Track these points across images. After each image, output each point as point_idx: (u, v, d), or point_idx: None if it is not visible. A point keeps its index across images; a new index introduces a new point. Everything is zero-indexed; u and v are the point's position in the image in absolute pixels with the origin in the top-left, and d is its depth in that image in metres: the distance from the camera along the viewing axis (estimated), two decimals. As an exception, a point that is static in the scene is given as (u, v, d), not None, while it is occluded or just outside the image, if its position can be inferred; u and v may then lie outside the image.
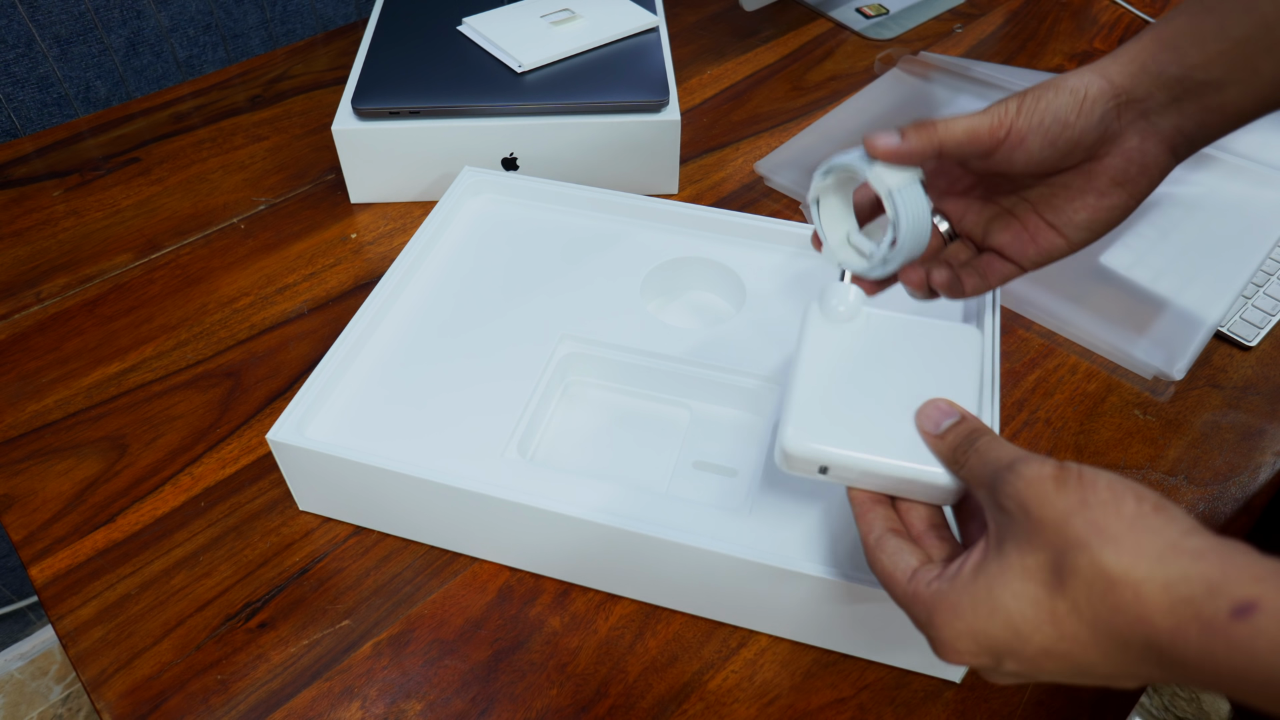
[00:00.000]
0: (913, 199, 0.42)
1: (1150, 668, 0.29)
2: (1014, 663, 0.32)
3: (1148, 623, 0.28)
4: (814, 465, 0.40)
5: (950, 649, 0.33)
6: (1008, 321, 0.68)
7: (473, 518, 0.50)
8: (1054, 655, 0.31)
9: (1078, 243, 0.45)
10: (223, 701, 0.48)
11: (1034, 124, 0.41)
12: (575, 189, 0.67)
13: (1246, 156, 0.75)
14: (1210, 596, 0.27)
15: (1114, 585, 0.29)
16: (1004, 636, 0.32)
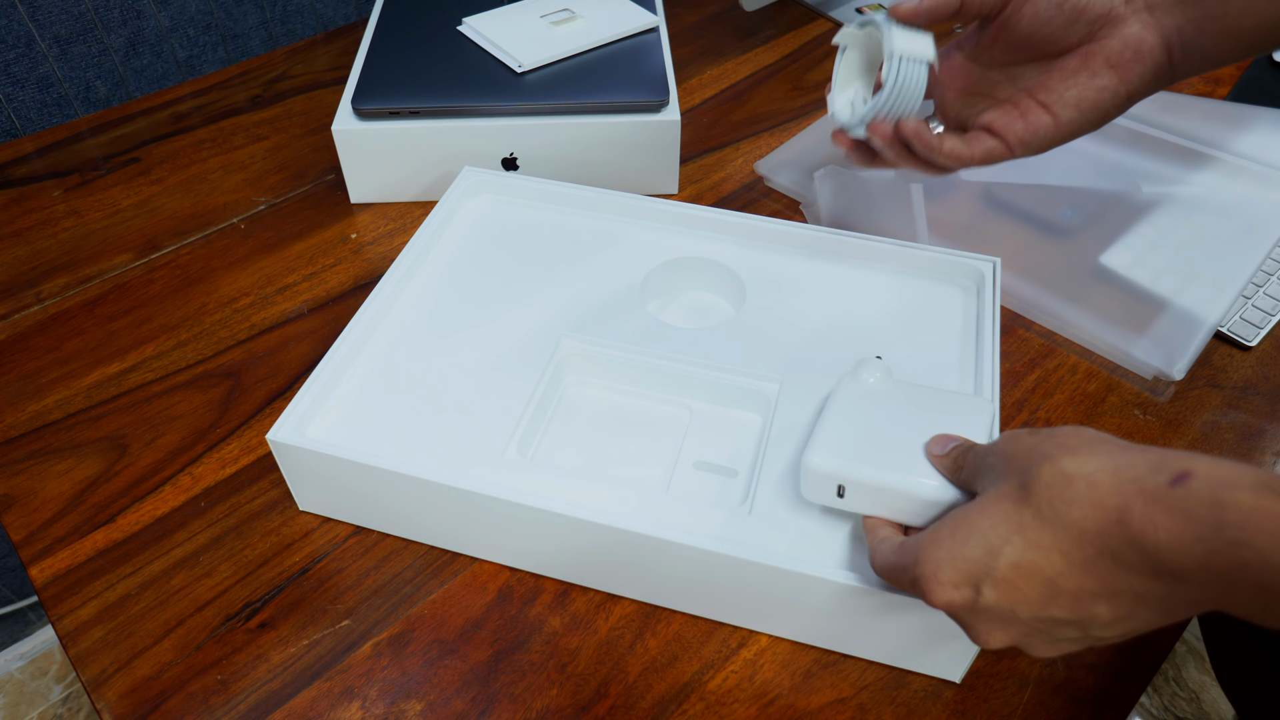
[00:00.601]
0: (912, 71, 0.47)
1: (1105, 561, 0.32)
2: (991, 588, 0.34)
3: (1100, 506, 0.32)
4: (833, 483, 0.45)
5: (933, 581, 0.36)
6: (1008, 321, 0.68)
7: (473, 518, 0.50)
8: (1024, 569, 0.34)
9: (1065, 122, 0.48)
10: (223, 701, 0.48)
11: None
12: (575, 189, 0.67)
13: (1246, 156, 0.75)
14: (1152, 473, 0.31)
15: (1071, 481, 0.32)
16: (979, 556, 0.35)
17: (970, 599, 0.35)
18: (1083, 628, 0.34)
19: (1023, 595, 0.34)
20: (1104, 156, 0.77)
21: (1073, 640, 0.36)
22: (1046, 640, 0.36)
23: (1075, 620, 0.34)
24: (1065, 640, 0.36)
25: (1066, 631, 0.35)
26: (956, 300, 0.61)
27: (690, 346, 0.57)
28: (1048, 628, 0.35)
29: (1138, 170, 0.75)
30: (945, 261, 0.62)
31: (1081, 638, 0.35)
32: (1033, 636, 0.36)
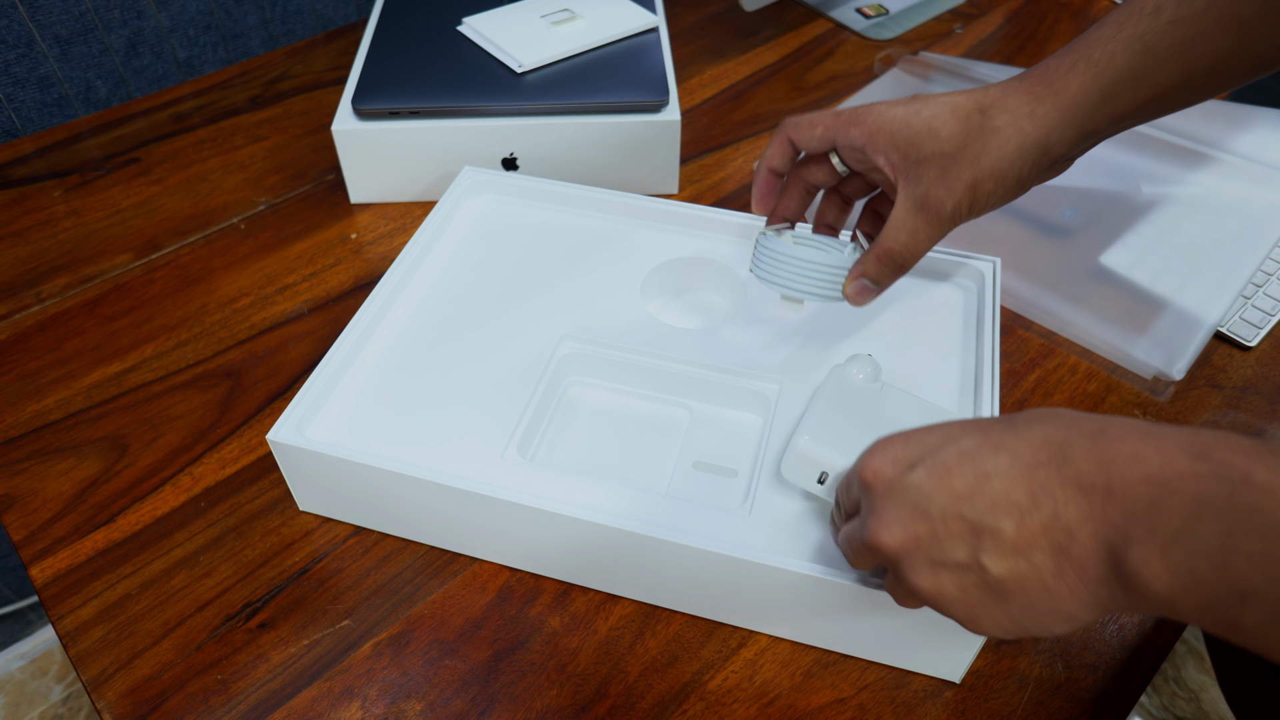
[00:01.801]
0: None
1: (1047, 471, 0.32)
2: (924, 470, 0.35)
3: (1075, 426, 0.32)
4: (817, 469, 0.47)
5: (877, 452, 0.37)
6: (1008, 321, 0.68)
7: (473, 518, 0.50)
8: (967, 457, 0.34)
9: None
10: (223, 701, 0.48)
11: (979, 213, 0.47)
12: (575, 189, 0.67)
13: (1246, 156, 0.75)
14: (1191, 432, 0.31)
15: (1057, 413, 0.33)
16: (935, 441, 0.35)
17: (897, 475, 0.36)
18: (976, 547, 0.33)
19: (949, 484, 0.34)
20: (1104, 156, 0.76)
21: (955, 567, 0.34)
22: (933, 554, 0.35)
23: (976, 531, 0.33)
24: (949, 564, 0.34)
25: (957, 549, 0.34)
26: (956, 300, 0.61)
27: (690, 346, 0.57)
28: (944, 537, 0.34)
29: (1138, 170, 0.75)
30: (945, 261, 0.62)
31: (966, 563, 0.34)
32: (923, 545, 0.35)
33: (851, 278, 0.50)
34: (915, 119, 0.45)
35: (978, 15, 1.03)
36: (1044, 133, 0.44)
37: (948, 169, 0.45)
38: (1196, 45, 0.42)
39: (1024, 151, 0.44)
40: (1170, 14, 0.42)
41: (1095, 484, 0.30)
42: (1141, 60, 0.43)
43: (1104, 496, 0.30)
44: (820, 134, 0.49)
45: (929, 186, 0.45)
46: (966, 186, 0.45)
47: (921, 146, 0.45)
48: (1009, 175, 0.45)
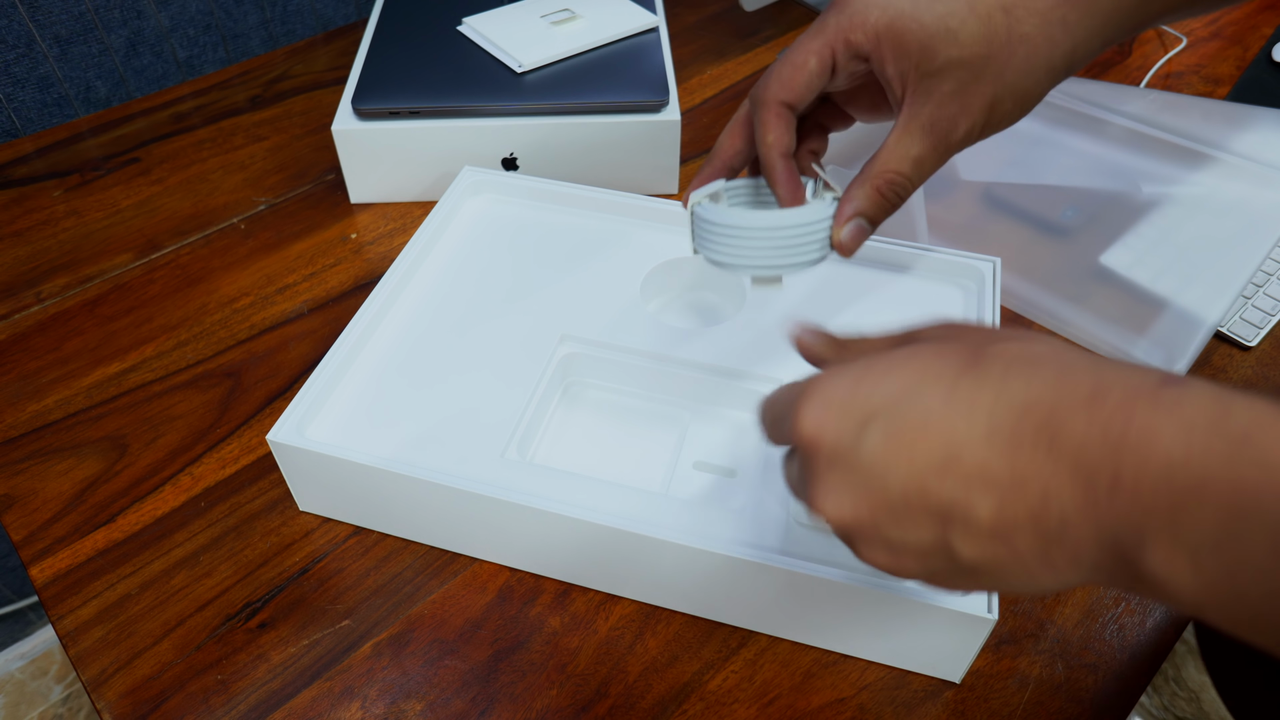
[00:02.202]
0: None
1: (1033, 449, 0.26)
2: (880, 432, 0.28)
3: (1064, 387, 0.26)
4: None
5: (816, 399, 0.29)
6: (1008, 321, 0.68)
7: (473, 518, 0.50)
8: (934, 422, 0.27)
9: None
10: (223, 701, 0.48)
11: (988, 133, 0.40)
12: (575, 189, 0.67)
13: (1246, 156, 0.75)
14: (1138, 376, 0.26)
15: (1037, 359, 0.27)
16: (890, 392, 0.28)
17: (846, 437, 0.28)
18: (944, 531, 0.28)
19: (910, 455, 0.27)
20: (1104, 156, 0.76)
21: (918, 549, 0.29)
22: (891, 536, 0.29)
23: (944, 513, 0.27)
24: (910, 547, 0.29)
25: (921, 532, 0.28)
26: (956, 300, 0.61)
27: (690, 346, 0.57)
28: (906, 519, 0.28)
29: (1138, 170, 0.75)
30: (945, 261, 0.62)
31: (932, 546, 0.28)
32: (880, 526, 0.29)
33: (842, 220, 0.40)
34: (926, 16, 0.37)
35: (978, 15, 1.03)
36: (1073, 44, 0.38)
37: (966, 83, 0.37)
38: None
39: (1053, 69, 0.38)
40: None
41: (1097, 469, 0.25)
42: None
43: (1110, 486, 0.25)
44: (816, 67, 0.39)
45: (940, 104, 0.38)
46: (985, 105, 0.38)
47: (937, 53, 0.37)
48: (1032, 95, 0.38)
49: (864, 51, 0.38)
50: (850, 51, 0.38)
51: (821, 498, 0.30)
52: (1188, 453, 0.24)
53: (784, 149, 0.40)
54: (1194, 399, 0.25)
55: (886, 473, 0.28)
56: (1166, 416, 0.25)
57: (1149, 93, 0.81)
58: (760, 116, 0.40)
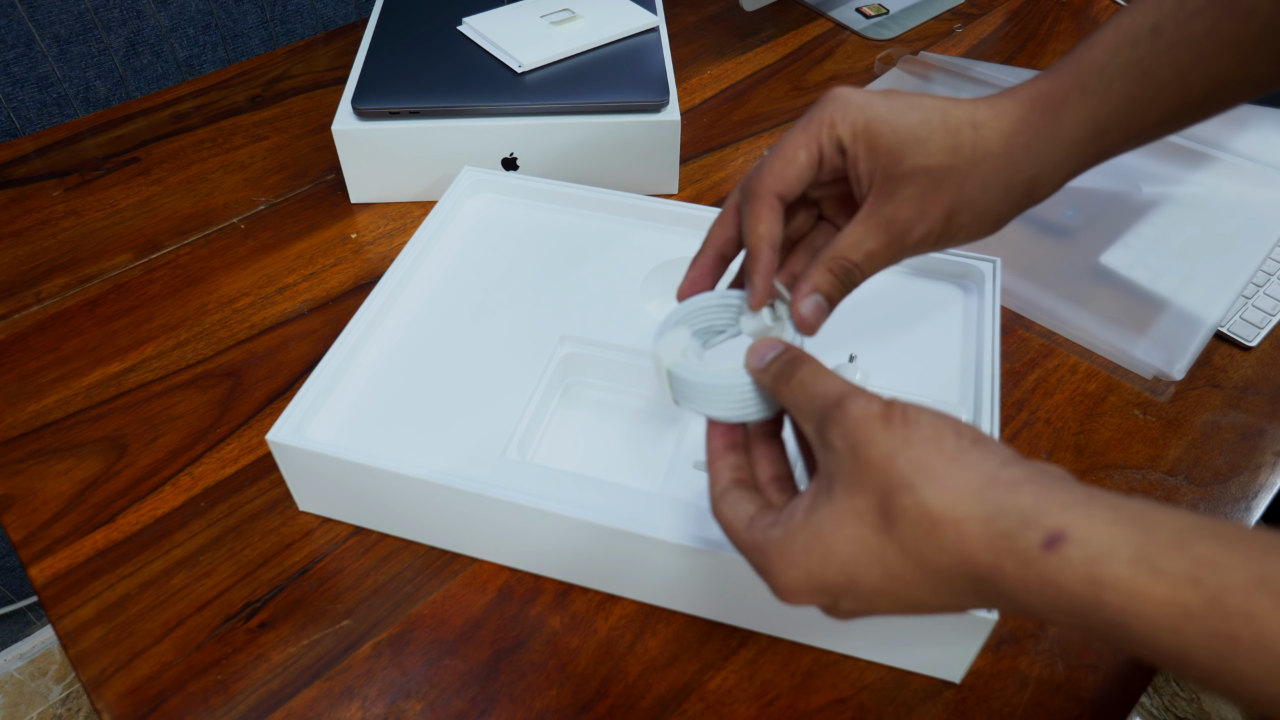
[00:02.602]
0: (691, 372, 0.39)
1: (975, 600, 0.30)
2: (850, 601, 0.33)
3: (970, 560, 0.29)
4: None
5: (789, 593, 0.34)
6: (1008, 321, 0.68)
7: (473, 518, 0.50)
8: (886, 594, 0.32)
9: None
10: (223, 701, 0.48)
11: (946, 247, 0.41)
12: (575, 189, 0.67)
13: (1246, 156, 0.75)
14: (1024, 528, 0.28)
15: (938, 525, 0.30)
16: (838, 580, 0.32)
17: (827, 604, 0.34)
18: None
19: (881, 608, 0.33)
20: (1104, 156, 0.76)
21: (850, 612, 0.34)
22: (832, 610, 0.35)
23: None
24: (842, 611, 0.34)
25: (894, 612, 0.34)
26: (956, 300, 0.61)
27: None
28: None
29: (1138, 170, 0.75)
30: (945, 261, 0.62)
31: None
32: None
33: (800, 296, 0.41)
34: (900, 122, 0.39)
35: (978, 15, 1.03)
36: (1035, 171, 0.39)
37: (927, 190, 0.39)
38: (1196, 72, 0.39)
39: (1011, 191, 0.39)
40: (1170, 36, 0.39)
41: (983, 593, 0.30)
42: (1139, 90, 0.39)
43: (1002, 601, 0.30)
44: (806, 160, 0.40)
45: (900, 205, 0.39)
46: (942, 214, 0.39)
47: (904, 159, 0.39)
48: (989, 213, 0.40)
49: (844, 145, 0.40)
50: (835, 144, 0.40)
51: (842, 619, 0.34)
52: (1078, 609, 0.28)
53: (773, 240, 0.41)
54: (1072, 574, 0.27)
55: (872, 613, 0.33)
56: (1060, 575, 0.27)
57: (1149, 93, 0.81)
58: (752, 208, 0.41)
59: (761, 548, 0.35)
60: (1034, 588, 0.28)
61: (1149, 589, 0.26)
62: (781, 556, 0.33)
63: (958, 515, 0.29)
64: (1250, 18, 0.38)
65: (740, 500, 0.37)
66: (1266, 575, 0.24)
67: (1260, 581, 0.24)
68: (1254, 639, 0.24)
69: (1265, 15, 0.38)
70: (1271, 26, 0.38)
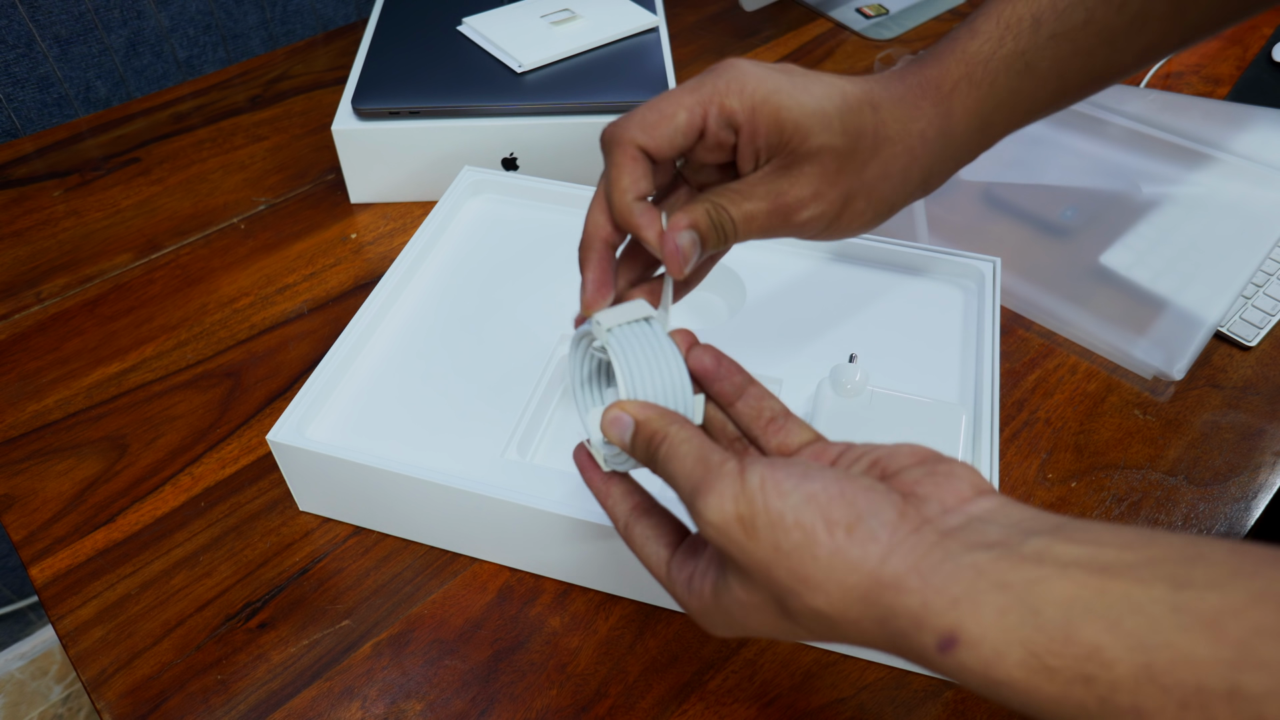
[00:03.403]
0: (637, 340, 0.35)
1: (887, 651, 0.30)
2: (764, 636, 0.33)
3: (879, 644, 0.29)
4: None
5: (716, 635, 0.35)
6: (1008, 321, 0.68)
7: (473, 518, 0.50)
8: (798, 642, 0.33)
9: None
10: (223, 701, 0.48)
11: (842, 234, 0.40)
12: (575, 189, 0.67)
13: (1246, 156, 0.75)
14: (917, 631, 0.27)
15: (836, 625, 0.29)
16: (759, 634, 0.32)
17: (744, 636, 0.35)
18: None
19: (799, 639, 0.33)
20: (1104, 156, 0.76)
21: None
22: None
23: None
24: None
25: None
26: (956, 300, 0.61)
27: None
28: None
29: (1138, 170, 0.75)
30: (945, 261, 0.62)
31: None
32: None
33: (679, 226, 0.36)
34: (804, 98, 0.36)
35: (978, 15, 1.03)
36: (930, 162, 0.39)
37: (828, 170, 0.37)
38: (1074, 63, 0.39)
39: (908, 180, 0.39)
40: (1050, 28, 0.39)
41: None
42: (1021, 82, 0.39)
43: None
44: (685, 122, 0.36)
45: (795, 182, 0.37)
46: (840, 197, 0.38)
47: (809, 136, 0.36)
48: (884, 200, 0.39)
49: (737, 120, 0.36)
50: (724, 118, 0.36)
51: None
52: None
53: (641, 193, 0.36)
54: (971, 676, 0.27)
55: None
56: (961, 673, 0.27)
57: (1149, 93, 0.81)
58: (612, 158, 0.36)
59: (681, 601, 0.34)
60: (945, 675, 0.27)
61: (1043, 689, 0.25)
62: (704, 619, 0.33)
63: (852, 617, 0.28)
64: (1122, 9, 0.39)
65: (648, 539, 0.36)
66: (1152, 664, 0.23)
67: (1148, 673, 0.23)
68: None
69: (1136, 7, 0.39)
70: (1142, 16, 0.39)
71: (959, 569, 0.27)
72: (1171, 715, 0.23)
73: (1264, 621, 0.22)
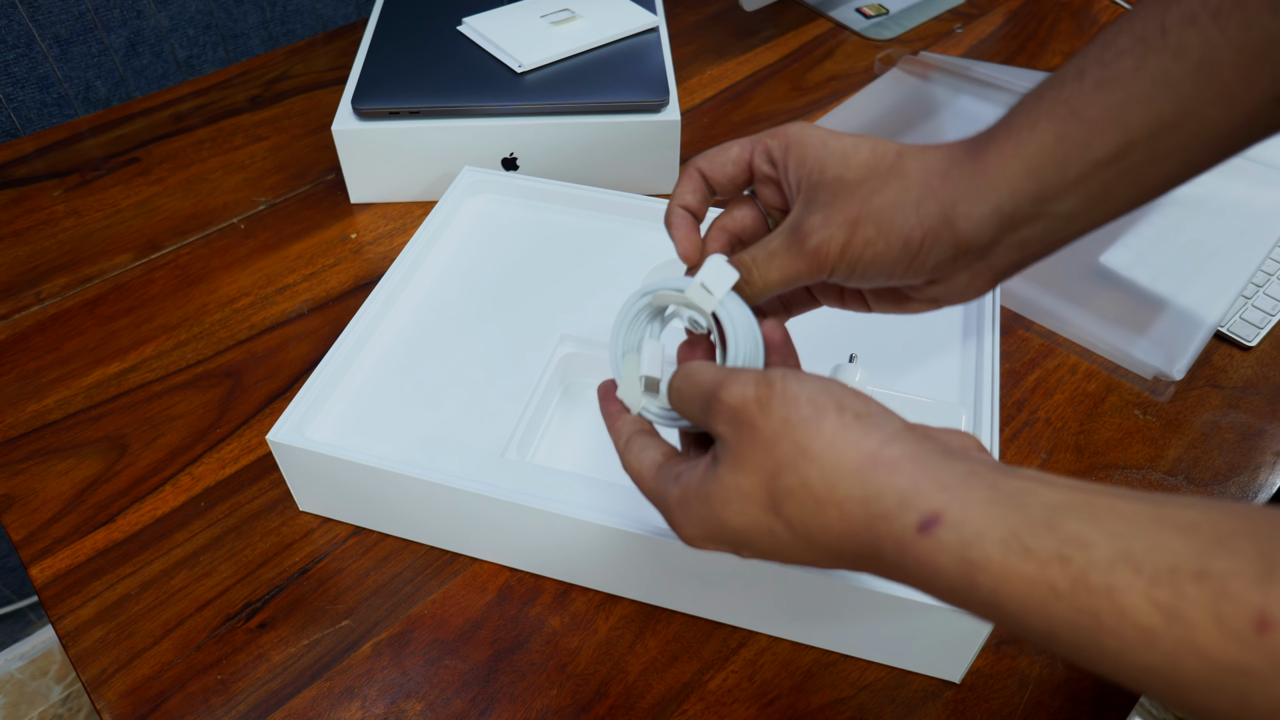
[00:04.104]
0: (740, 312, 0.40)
1: (863, 568, 0.31)
2: (749, 552, 0.34)
3: (852, 537, 0.30)
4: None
5: (690, 541, 0.35)
6: (1008, 321, 0.68)
7: (473, 518, 0.50)
8: (779, 554, 0.33)
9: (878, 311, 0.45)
10: (223, 701, 0.48)
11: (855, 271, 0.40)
12: (575, 189, 0.67)
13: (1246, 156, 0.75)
14: (901, 511, 0.29)
15: (821, 506, 0.31)
16: (734, 539, 0.34)
17: (730, 552, 0.35)
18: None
19: (780, 559, 0.34)
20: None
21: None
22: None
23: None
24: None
25: (793, 562, 0.35)
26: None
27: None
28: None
29: (1138, 170, 0.75)
30: (945, 261, 0.62)
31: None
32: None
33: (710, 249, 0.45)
34: (834, 141, 0.41)
35: (978, 15, 1.03)
36: (951, 196, 0.38)
37: (837, 198, 0.39)
38: (1132, 111, 0.37)
39: (921, 208, 0.38)
40: (1095, 75, 0.37)
41: (867, 565, 0.31)
42: (1067, 128, 0.37)
43: (885, 574, 0.31)
44: (735, 154, 0.45)
45: (809, 213, 0.40)
46: (845, 222, 0.39)
47: (827, 169, 0.40)
48: (895, 228, 0.38)
49: (774, 157, 0.43)
50: (765, 155, 0.43)
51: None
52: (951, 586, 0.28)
53: (684, 203, 0.46)
54: (945, 557, 0.28)
55: (774, 559, 0.34)
56: (934, 558, 0.28)
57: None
58: (679, 177, 0.47)
59: (662, 499, 0.36)
60: (910, 568, 0.29)
61: (1019, 569, 0.26)
62: (681, 513, 0.35)
63: (839, 496, 0.30)
64: (1180, 55, 0.36)
65: (645, 447, 0.38)
66: (1129, 549, 0.25)
67: (1124, 556, 0.25)
68: (1115, 614, 0.24)
69: (1196, 53, 0.36)
70: (1206, 62, 0.36)
71: (953, 466, 0.29)
72: (1141, 592, 0.24)
73: (1235, 526, 0.24)
